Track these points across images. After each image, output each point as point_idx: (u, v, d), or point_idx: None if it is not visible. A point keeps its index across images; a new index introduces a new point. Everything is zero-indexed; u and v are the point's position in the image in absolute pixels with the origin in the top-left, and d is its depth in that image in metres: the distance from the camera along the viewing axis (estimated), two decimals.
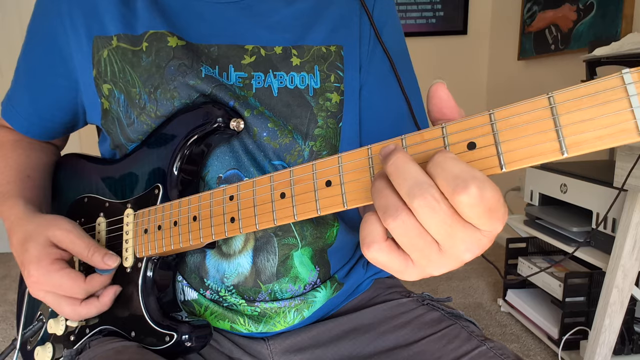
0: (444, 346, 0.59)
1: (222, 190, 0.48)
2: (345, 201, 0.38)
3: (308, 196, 0.40)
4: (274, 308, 0.60)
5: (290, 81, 0.60)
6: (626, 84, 0.27)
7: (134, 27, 0.60)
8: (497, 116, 0.31)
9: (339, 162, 0.38)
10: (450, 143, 0.33)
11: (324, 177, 0.39)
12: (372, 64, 0.65)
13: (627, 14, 1.79)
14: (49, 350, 0.63)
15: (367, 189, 0.36)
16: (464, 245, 0.31)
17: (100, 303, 0.57)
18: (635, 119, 0.27)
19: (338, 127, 0.63)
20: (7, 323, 2.04)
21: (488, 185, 0.29)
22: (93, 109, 0.64)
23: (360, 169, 0.37)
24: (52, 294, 0.55)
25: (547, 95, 0.30)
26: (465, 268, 2.42)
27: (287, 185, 0.42)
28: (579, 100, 0.29)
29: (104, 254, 0.56)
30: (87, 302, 0.56)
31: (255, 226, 0.45)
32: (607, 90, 0.28)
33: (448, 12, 2.80)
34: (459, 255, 0.31)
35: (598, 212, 1.46)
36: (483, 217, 0.29)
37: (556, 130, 0.29)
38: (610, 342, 1.40)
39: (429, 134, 0.34)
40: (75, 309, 0.56)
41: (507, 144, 0.31)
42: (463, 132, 0.32)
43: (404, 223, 0.30)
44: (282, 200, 0.42)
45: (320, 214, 0.39)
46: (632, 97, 0.27)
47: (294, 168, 0.41)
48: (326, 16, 0.64)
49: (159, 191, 0.57)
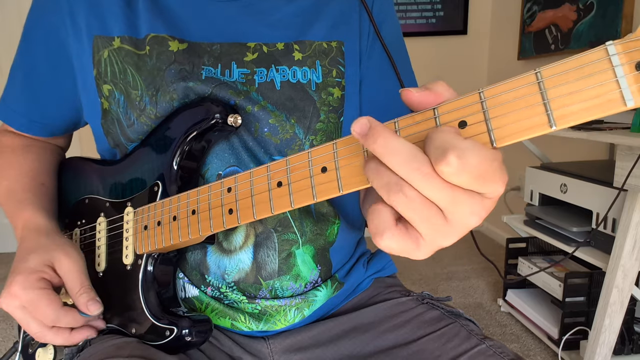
0: (443, 345, 0.59)
1: (220, 183, 0.49)
2: (340, 186, 0.38)
3: (304, 183, 0.41)
4: (275, 306, 0.60)
5: (292, 75, 0.61)
6: (610, 55, 0.28)
7: (137, 30, 0.60)
8: (487, 94, 0.32)
9: (334, 148, 0.39)
10: (442, 123, 0.33)
11: (319, 163, 0.40)
12: (372, 59, 0.66)
13: (627, 14, 1.79)
14: (50, 352, 0.63)
15: (362, 172, 0.37)
16: (468, 209, 0.31)
17: (70, 336, 0.56)
18: (620, 88, 0.28)
19: (339, 122, 0.64)
20: (7, 323, 2.04)
21: (470, 153, 0.29)
22: (91, 108, 0.64)
23: (355, 153, 0.37)
24: (23, 310, 0.53)
25: (535, 70, 0.30)
26: (466, 268, 2.42)
27: (284, 173, 0.42)
28: (566, 74, 0.29)
29: (91, 298, 0.55)
30: (58, 330, 0.55)
31: (253, 216, 0.45)
32: (592, 62, 0.29)
33: (448, 12, 2.81)
34: (465, 221, 0.32)
35: (598, 212, 1.46)
36: (474, 183, 0.30)
37: (544, 104, 0.30)
38: (610, 342, 1.40)
39: (421, 115, 0.34)
40: (42, 330, 0.54)
41: (497, 120, 0.31)
42: (454, 111, 0.33)
43: (406, 196, 0.31)
44: (278, 189, 0.43)
45: (316, 200, 0.40)
46: (616, 68, 0.28)
47: (290, 157, 0.42)
48: (326, 12, 0.64)
49: (159, 188, 0.57)
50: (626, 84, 0.28)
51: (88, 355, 0.55)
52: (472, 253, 2.54)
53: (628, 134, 1.25)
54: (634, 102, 0.28)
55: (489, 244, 2.77)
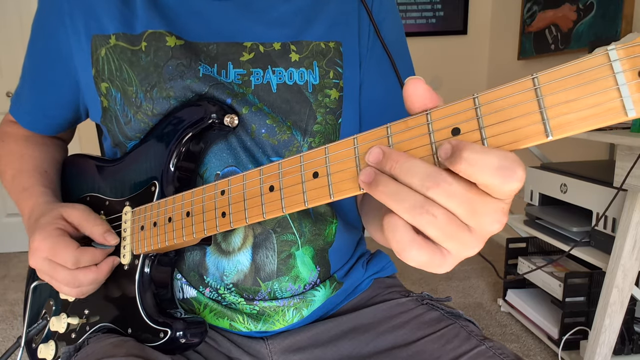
0: (443, 346, 0.59)
1: (214, 185, 0.49)
2: (331, 192, 0.37)
3: (296, 188, 0.40)
4: (273, 307, 0.60)
5: (289, 77, 0.61)
6: (611, 61, 0.26)
7: (133, 26, 0.60)
8: (482, 100, 0.30)
9: (326, 153, 0.38)
10: (435, 129, 0.32)
11: (311, 168, 0.39)
12: (372, 60, 0.66)
13: (627, 14, 1.78)
14: (52, 347, 0.65)
15: (353, 179, 0.36)
16: (490, 217, 0.31)
17: (98, 269, 0.57)
18: (621, 97, 0.26)
19: (337, 123, 0.63)
20: (7, 323, 2.03)
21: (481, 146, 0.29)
22: (94, 107, 0.65)
23: (346, 159, 0.37)
24: (47, 261, 0.56)
25: (532, 76, 0.29)
26: (466, 268, 2.42)
27: (276, 178, 0.42)
28: (564, 80, 0.28)
29: (106, 230, 0.59)
30: (84, 269, 0.56)
31: (245, 220, 0.45)
32: (592, 68, 0.27)
33: (448, 12, 2.80)
34: (488, 229, 0.32)
35: (598, 212, 1.46)
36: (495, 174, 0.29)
37: (540, 112, 0.28)
38: (610, 342, 1.40)
39: (413, 121, 0.33)
40: (70, 275, 0.56)
41: (491, 129, 0.30)
42: (447, 117, 0.32)
43: (433, 215, 0.31)
44: (270, 193, 0.42)
45: (307, 206, 0.39)
46: (617, 75, 0.26)
47: (283, 161, 0.41)
48: (325, 12, 0.64)
49: (156, 189, 0.57)
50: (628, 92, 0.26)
51: (85, 354, 0.55)
52: None
53: (628, 134, 1.25)
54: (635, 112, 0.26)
55: (489, 244, 2.77)
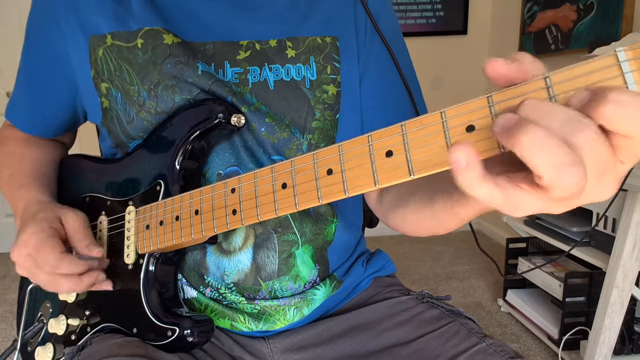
0: (443, 343, 0.59)
1: (223, 183, 0.49)
2: (346, 188, 0.38)
3: (309, 185, 0.41)
4: (274, 306, 0.61)
5: (286, 73, 0.60)
6: (620, 62, 0.27)
7: (128, 24, 0.60)
8: (495, 99, 0.31)
9: (340, 151, 0.39)
10: (450, 127, 0.33)
11: (324, 165, 0.40)
12: (372, 54, 0.65)
13: (627, 14, 1.79)
14: (50, 350, 0.63)
15: (369, 174, 0.37)
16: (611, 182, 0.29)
17: (79, 280, 0.55)
18: None
19: (335, 119, 0.63)
20: (7, 323, 2.04)
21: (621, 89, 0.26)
22: (93, 108, 0.64)
23: (361, 155, 0.37)
24: (30, 257, 0.54)
25: (544, 76, 0.30)
26: (465, 268, 2.42)
27: (289, 175, 0.42)
28: (575, 80, 0.29)
29: (91, 242, 0.58)
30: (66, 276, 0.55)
31: (257, 217, 0.45)
32: (602, 69, 0.28)
33: (448, 12, 2.81)
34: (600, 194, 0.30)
35: (598, 212, 1.46)
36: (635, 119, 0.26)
37: None
38: (610, 342, 1.40)
39: (428, 119, 0.34)
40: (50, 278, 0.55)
41: None
42: (462, 115, 0.32)
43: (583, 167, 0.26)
44: (283, 190, 0.43)
45: (321, 202, 0.40)
46: (626, 75, 0.27)
47: (295, 158, 0.42)
48: (320, 7, 0.64)
49: (161, 188, 0.57)
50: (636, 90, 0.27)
51: (89, 354, 0.55)
52: (472, 253, 2.54)
53: None
54: None
55: (489, 244, 2.77)
